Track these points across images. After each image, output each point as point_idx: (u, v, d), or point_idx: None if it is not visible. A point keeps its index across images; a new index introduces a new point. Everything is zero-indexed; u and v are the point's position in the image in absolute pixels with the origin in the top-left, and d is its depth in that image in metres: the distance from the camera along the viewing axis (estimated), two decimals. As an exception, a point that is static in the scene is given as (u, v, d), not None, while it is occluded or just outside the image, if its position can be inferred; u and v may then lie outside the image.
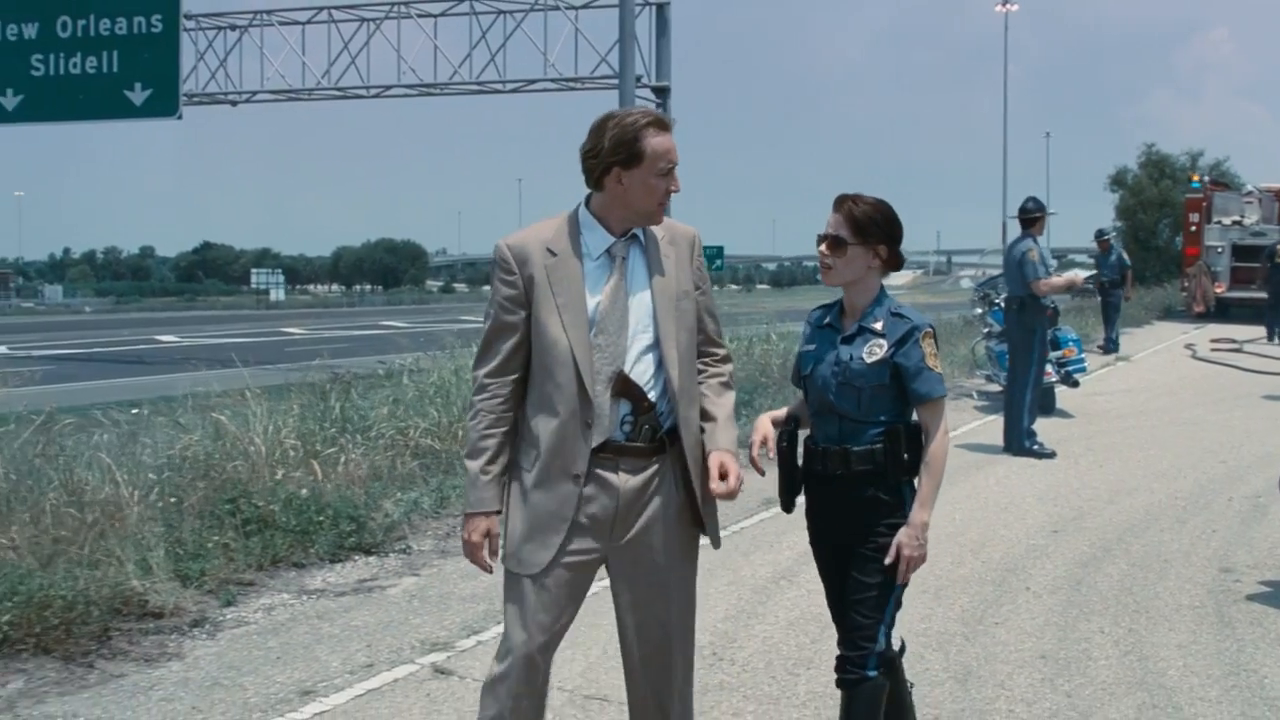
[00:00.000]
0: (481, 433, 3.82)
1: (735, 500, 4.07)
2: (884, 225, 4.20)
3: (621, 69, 28.95)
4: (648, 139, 3.76)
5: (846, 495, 4.19)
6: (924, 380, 4.13)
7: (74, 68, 31.70)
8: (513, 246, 3.84)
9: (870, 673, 4.19)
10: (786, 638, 6.54)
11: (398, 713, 5.41)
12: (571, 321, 3.76)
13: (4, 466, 8.39)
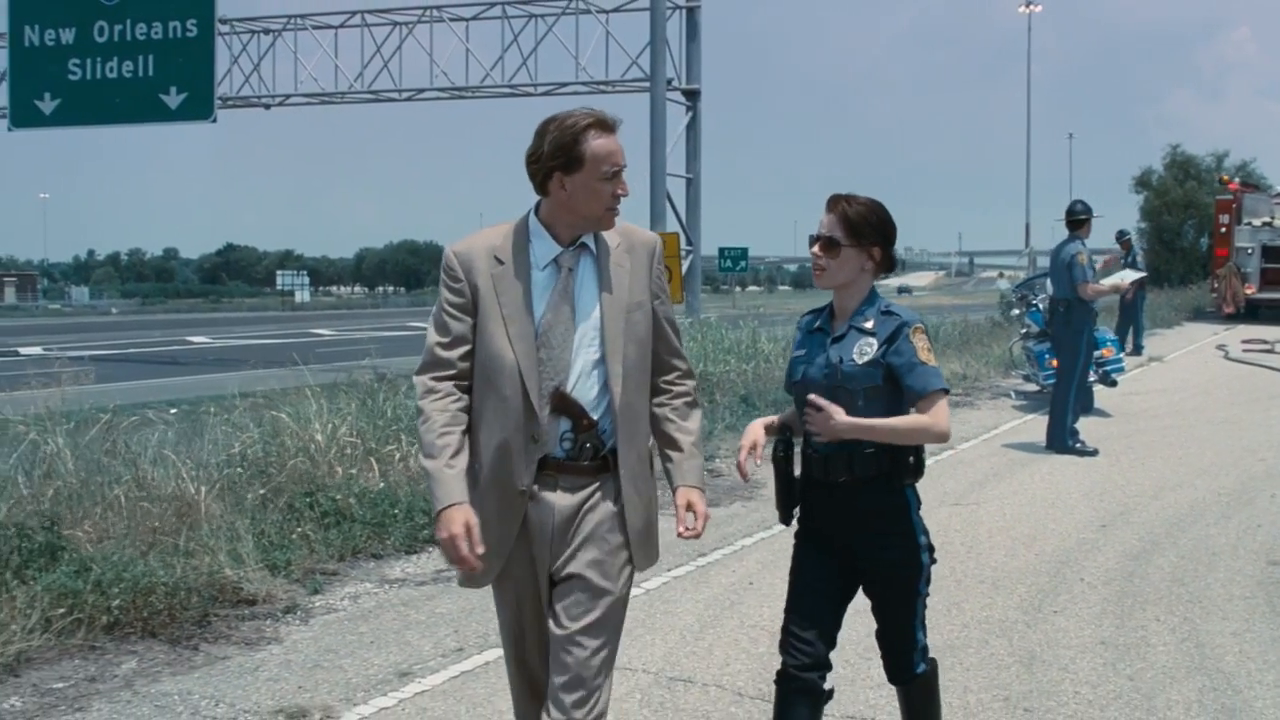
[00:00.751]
0: (438, 432, 3.62)
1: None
2: (878, 226, 4.09)
3: (653, 72, 29.23)
4: (588, 141, 3.61)
5: (851, 502, 4.09)
6: (918, 375, 3.98)
7: (110, 72, 32.17)
8: (459, 253, 3.71)
9: (919, 669, 4.30)
10: (853, 624, 6.66)
11: (494, 693, 5.66)
12: (517, 333, 3.63)
13: (74, 462, 8.68)
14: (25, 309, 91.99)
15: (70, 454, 8.80)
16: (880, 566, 4.16)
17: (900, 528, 4.13)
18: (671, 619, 6.86)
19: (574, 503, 3.69)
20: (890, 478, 4.06)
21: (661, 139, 28.87)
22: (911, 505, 4.16)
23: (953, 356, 20.47)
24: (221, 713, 5.43)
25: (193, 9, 31.51)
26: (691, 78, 30.43)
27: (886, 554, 4.13)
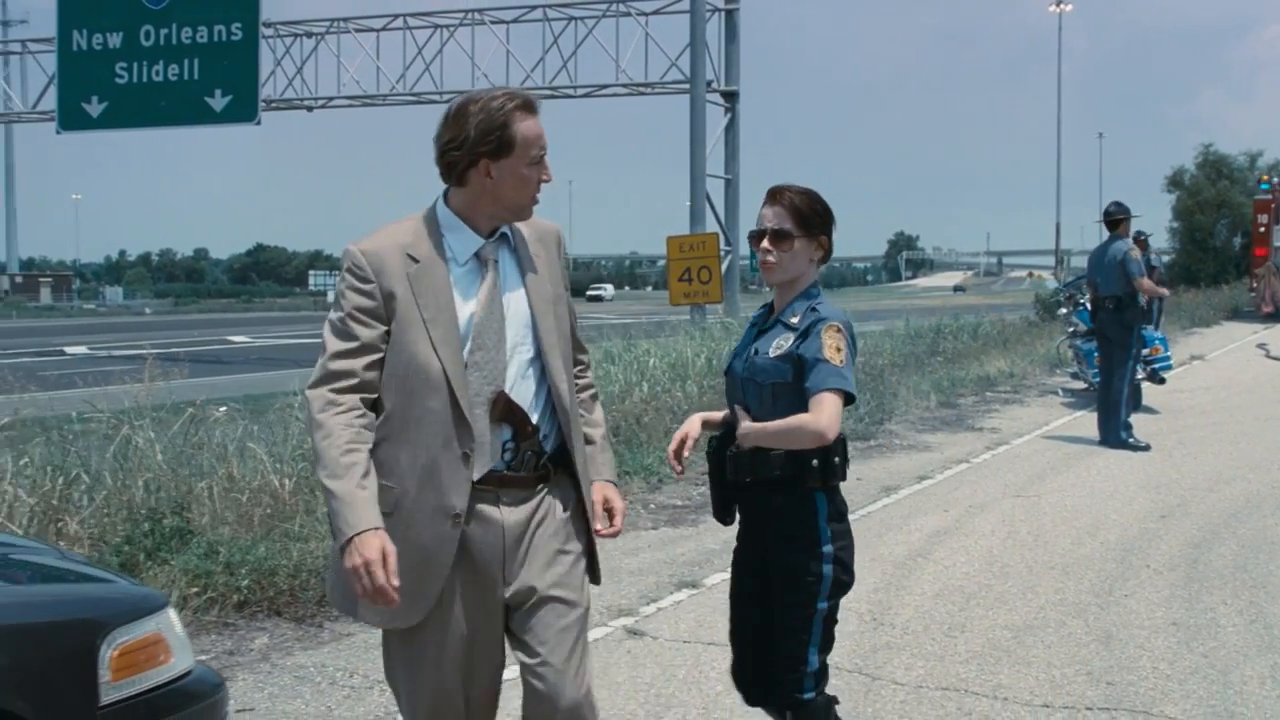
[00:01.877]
0: (342, 449, 3.21)
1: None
2: (824, 214, 3.99)
3: (692, 74, 29.62)
4: (517, 124, 3.31)
5: (757, 504, 3.99)
6: (817, 373, 3.76)
7: (156, 75, 32.69)
8: (367, 253, 3.33)
9: (806, 694, 4.01)
10: (936, 606, 7.14)
11: (607, 668, 6.03)
12: (442, 338, 3.28)
13: (162, 455, 9.05)
14: (61, 309, 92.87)
15: (159, 447, 9.20)
16: (780, 569, 3.97)
17: (804, 533, 3.91)
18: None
19: (522, 518, 3.38)
20: (795, 481, 3.87)
21: (701, 140, 29.26)
22: (820, 511, 3.92)
23: (998, 355, 20.80)
24: (357, 683, 5.82)
25: (237, 13, 32.02)
26: (730, 79, 30.81)
27: (786, 556, 3.94)
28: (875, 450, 12.91)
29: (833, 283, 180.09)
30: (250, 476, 8.71)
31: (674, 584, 7.53)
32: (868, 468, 11.82)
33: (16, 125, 45.81)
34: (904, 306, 52.49)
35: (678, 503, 9.98)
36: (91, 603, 3.38)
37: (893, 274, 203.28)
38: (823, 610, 3.96)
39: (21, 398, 10.06)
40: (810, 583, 3.92)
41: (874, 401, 14.87)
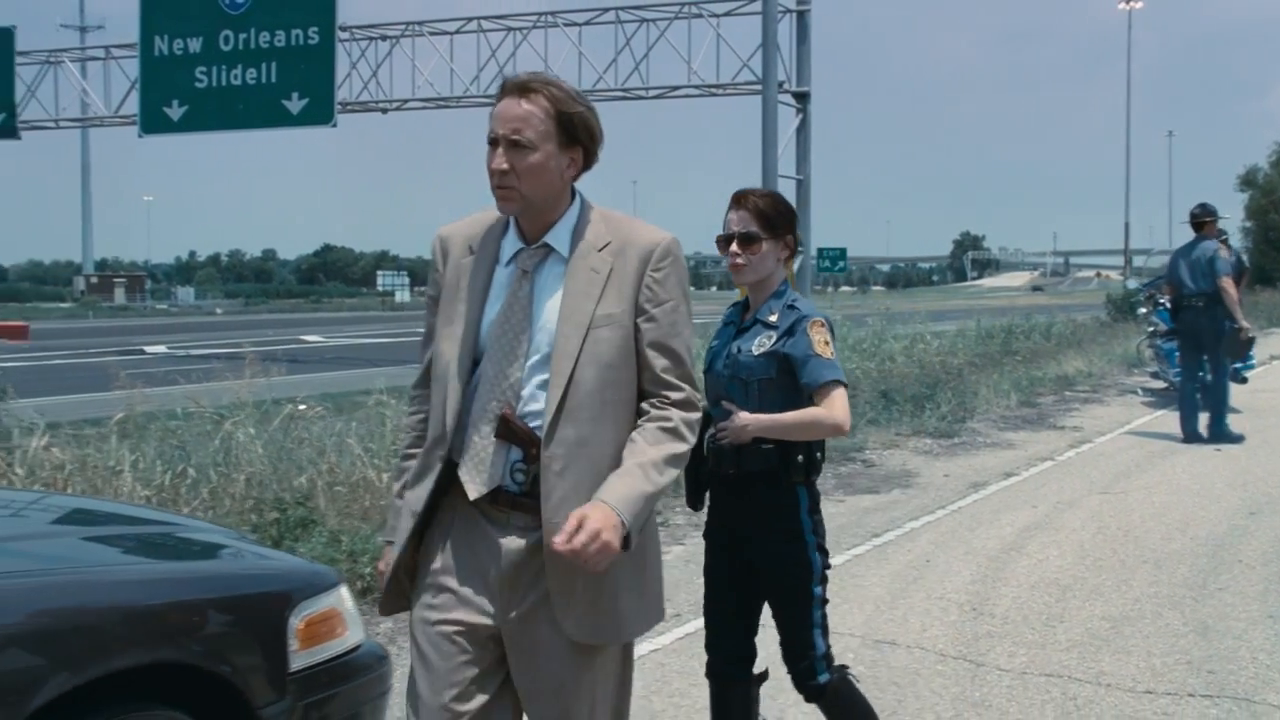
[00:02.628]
0: (403, 452, 3.26)
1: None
2: (788, 215, 4.14)
3: (764, 75, 29.71)
4: (496, 108, 3.07)
5: (741, 496, 4.09)
6: (812, 368, 3.92)
7: (235, 79, 33.20)
8: (443, 238, 3.23)
9: (823, 678, 4.19)
10: (1033, 597, 7.31)
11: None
12: (460, 335, 3.09)
13: (263, 449, 9.36)
14: (135, 309, 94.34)
15: (260, 443, 9.52)
16: (768, 562, 4.10)
17: (787, 525, 4.05)
18: (862, 590, 7.41)
19: (525, 548, 3.04)
20: (778, 474, 4.01)
21: (773, 141, 29.35)
22: (802, 504, 4.08)
23: (1075, 355, 20.85)
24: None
25: (315, 17, 32.44)
26: (802, 80, 30.84)
27: (772, 549, 4.07)
28: (960, 448, 13.08)
29: (897, 282, 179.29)
30: (349, 471, 9.01)
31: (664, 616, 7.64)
32: (954, 464, 12.00)
33: (95, 129, 46.70)
34: (971, 306, 52.32)
35: (770, 497, 10.19)
36: (281, 577, 3.64)
37: (958, 274, 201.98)
38: (818, 595, 4.15)
39: (130, 394, 10.40)
40: (802, 572, 4.09)
41: (955, 400, 15.02)
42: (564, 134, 3.04)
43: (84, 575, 3.23)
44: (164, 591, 3.09)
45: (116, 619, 3.07)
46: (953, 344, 20.27)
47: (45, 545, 3.57)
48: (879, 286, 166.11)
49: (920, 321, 22.29)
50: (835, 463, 11.82)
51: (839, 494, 10.45)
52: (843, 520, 9.34)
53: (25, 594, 3.02)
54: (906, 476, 11.33)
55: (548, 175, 3.04)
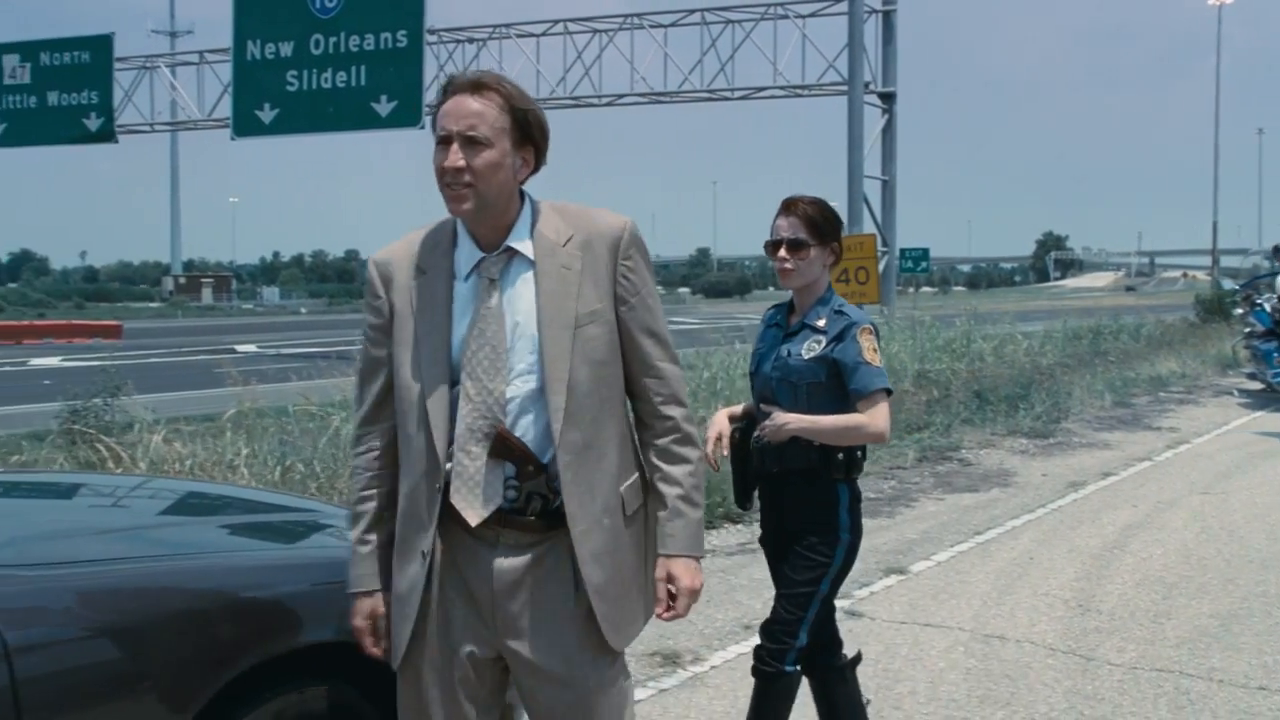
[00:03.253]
0: (358, 495, 3.06)
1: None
2: (835, 223, 4.20)
3: (850, 76, 29.80)
4: (444, 105, 2.93)
5: (783, 493, 4.19)
6: (861, 375, 4.02)
7: (325, 82, 33.68)
8: (380, 264, 3.03)
9: (788, 668, 4.18)
10: (1138, 594, 7.37)
11: (832, 642, 6.43)
12: (429, 358, 2.92)
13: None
14: (222, 309, 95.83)
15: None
16: (796, 544, 4.17)
17: (826, 520, 4.13)
18: (968, 586, 7.51)
19: (519, 566, 2.93)
20: (819, 472, 4.11)
21: (859, 142, 29.43)
22: (841, 501, 4.16)
23: (1167, 356, 20.72)
24: (602, 653, 6.26)
25: (403, 21, 32.80)
26: (887, 80, 30.90)
27: (805, 537, 4.15)
28: (1056, 448, 13.11)
29: (979, 283, 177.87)
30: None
31: (881, 570, 7.85)
32: (1051, 464, 12.05)
33: (183, 133, 47.64)
34: (1056, 307, 51.91)
35: (871, 495, 10.28)
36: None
37: (1040, 275, 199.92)
38: (824, 592, 4.17)
39: (241, 390, 10.71)
40: (820, 564, 4.12)
41: (1049, 401, 15.03)
42: (518, 131, 2.92)
43: (279, 555, 3.44)
44: (341, 572, 3.27)
45: (308, 597, 3.28)
46: (1042, 344, 20.22)
47: (226, 528, 3.80)
48: (960, 287, 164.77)
49: (1008, 322, 22.23)
50: (933, 461, 11.92)
51: (938, 492, 10.54)
52: (944, 518, 9.44)
53: (230, 572, 3.25)
54: (1004, 476, 11.39)
55: (503, 173, 2.90)
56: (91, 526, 3.86)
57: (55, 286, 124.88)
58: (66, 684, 2.77)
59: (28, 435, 10.75)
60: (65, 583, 2.94)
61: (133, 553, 3.40)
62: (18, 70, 35.92)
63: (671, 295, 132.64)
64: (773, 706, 4.24)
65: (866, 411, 4.02)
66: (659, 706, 5.57)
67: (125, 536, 3.72)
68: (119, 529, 3.86)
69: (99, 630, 2.87)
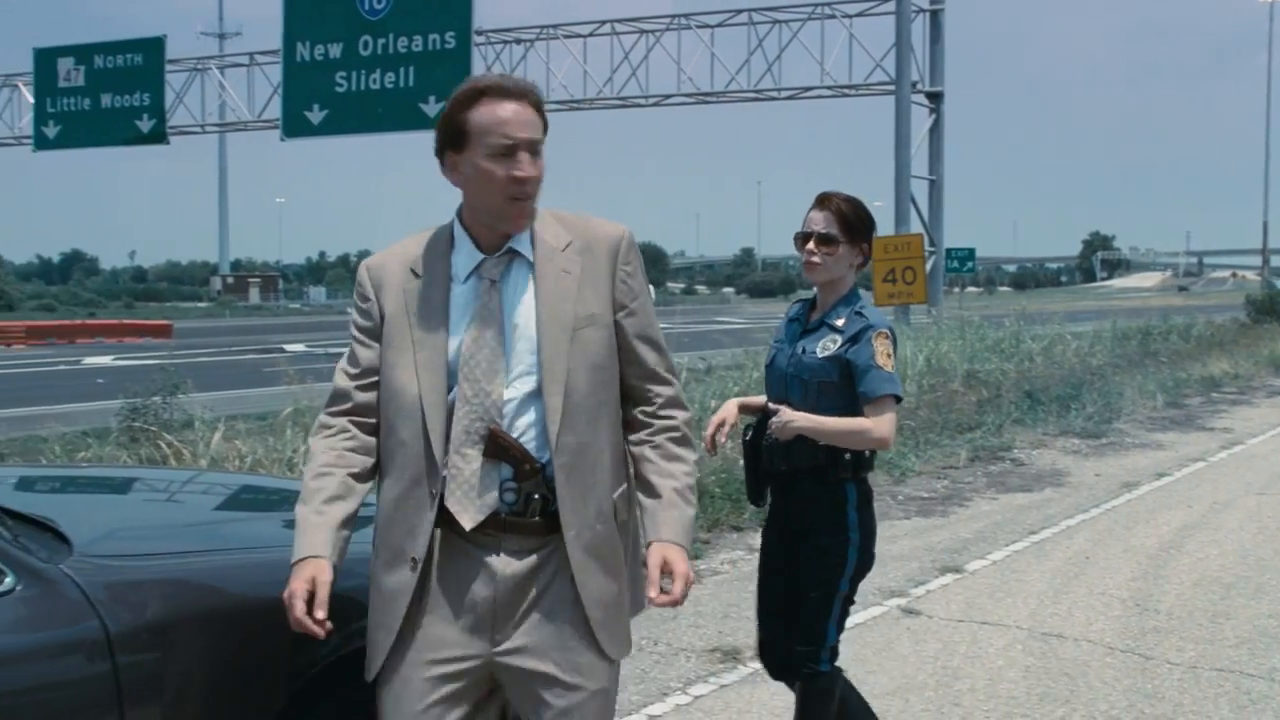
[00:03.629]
0: (315, 471, 2.94)
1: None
2: (867, 222, 4.17)
3: (898, 75, 29.79)
4: (477, 108, 2.83)
5: (792, 491, 4.17)
6: (870, 379, 3.98)
7: (373, 83, 33.90)
8: (372, 268, 3.02)
9: (824, 666, 4.20)
10: (1196, 594, 7.37)
11: (892, 640, 6.45)
12: (425, 362, 2.89)
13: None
14: (269, 308, 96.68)
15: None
16: (809, 550, 4.14)
17: (834, 519, 4.12)
18: (1024, 585, 7.53)
19: (522, 570, 2.89)
20: (827, 471, 4.08)
21: (906, 141, 29.41)
22: (850, 500, 4.13)
23: (1219, 356, 20.60)
24: (663, 650, 6.32)
25: (451, 22, 32.98)
26: (935, 80, 30.84)
27: (814, 538, 4.13)
28: (1108, 448, 13.09)
29: (1024, 283, 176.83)
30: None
31: (937, 569, 7.89)
32: (1104, 464, 12.03)
33: (231, 133, 48.15)
34: (1104, 307, 51.59)
35: (924, 494, 10.33)
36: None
37: (1086, 275, 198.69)
38: (844, 592, 4.15)
39: (299, 389, 10.85)
40: (836, 564, 4.10)
41: (1101, 401, 14.99)
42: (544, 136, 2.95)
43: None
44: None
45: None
46: (1091, 345, 20.16)
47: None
48: (1005, 287, 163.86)
49: (1057, 322, 22.15)
50: (985, 461, 11.92)
51: (991, 492, 10.55)
52: (998, 517, 9.45)
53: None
54: (1057, 476, 11.39)
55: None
56: (172, 519, 3.97)
57: (105, 286, 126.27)
58: (164, 671, 2.87)
59: (89, 433, 10.90)
60: (162, 573, 3.04)
61: (216, 545, 3.50)
62: (72, 73, 36.41)
63: (716, 295, 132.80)
64: (816, 706, 4.27)
65: (872, 417, 3.98)
66: (720, 702, 5.64)
67: (205, 529, 3.83)
68: (198, 522, 3.97)
69: (195, 619, 2.96)
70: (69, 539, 3.03)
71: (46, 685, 2.69)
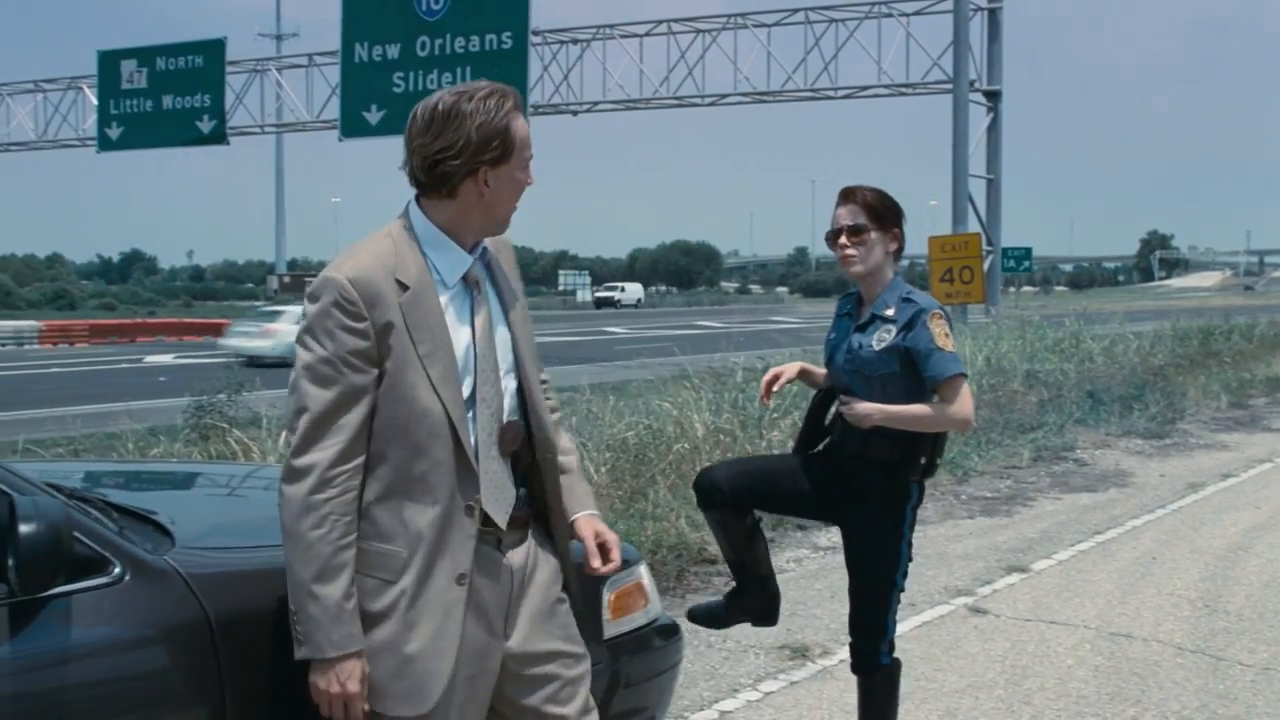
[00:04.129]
0: (335, 545, 2.76)
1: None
2: (895, 209, 4.18)
3: (955, 74, 29.65)
4: (515, 124, 2.88)
5: (856, 474, 4.18)
6: (935, 361, 3.98)
7: (431, 83, 34.00)
8: (358, 282, 2.79)
9: (885, 659, 4.28)
10: (1267, 595, 7.33)
11: (960, 639, 6.46)
12: (441, 376, 2.82)
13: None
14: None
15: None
16: (866, 539, 4.21)
17: (893, 513, 4.16)
18: (1091, 585, 7.51)
19: (523, 559, 3.00)
20: (898, 468, 4.13)
21: (964, 141, 29.27)
22: (911, 498, 4.19)
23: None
24: (732, 646, 6.37)
25: (508, 22, 33.12)
26: (993, 78, 30.69)
27: (872, 527, 4.18)
28: (1172, 448, 13.01)
29: (1081, 282, 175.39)
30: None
31: (1003, 568, 7.88)
32: (1168, 465, 11.97)
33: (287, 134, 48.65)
34: (1163, 307, 51.10)
35: (987, 494, 10.32)
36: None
37: (1144, 274, 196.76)
38: (900, 586, 4.24)
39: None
40: (892, 559, 4.17)
41: (1164, 401, 14.90)
42: None
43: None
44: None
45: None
46: (1152, 345, 20.01)
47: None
48: (1061, 287, 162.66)
49: (1117, 322, 22.01)
50: (1048, 461, 11.88)
51: (1055, 492, 10.51)
52: (1063, 517, 9.43)
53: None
54: (1121, 476, 11.33)
55: None
56: (259, 512, 4.06)
57: (164, 285, 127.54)
58: (262, 659, 2.94)
59: (157, 429, 11.07)
60: (258, 564, 3.11)
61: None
62: (135, 75, 36.84)
63: (770, 294, 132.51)
64: (879, 699, 4.35)
65: (949, 398, 4.01)
66: (790, 698, 5.68)
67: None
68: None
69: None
70: (170, 531, 3.11)
71: (155, 671, 2.77)
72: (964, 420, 4.07)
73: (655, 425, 10.45)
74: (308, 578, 2.74)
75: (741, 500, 4.38)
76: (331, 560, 2.74)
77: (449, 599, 2.83)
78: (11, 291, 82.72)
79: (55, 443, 10.33)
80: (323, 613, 2.73)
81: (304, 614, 2.75)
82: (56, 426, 11.13)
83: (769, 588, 4.60)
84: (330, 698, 2.78)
